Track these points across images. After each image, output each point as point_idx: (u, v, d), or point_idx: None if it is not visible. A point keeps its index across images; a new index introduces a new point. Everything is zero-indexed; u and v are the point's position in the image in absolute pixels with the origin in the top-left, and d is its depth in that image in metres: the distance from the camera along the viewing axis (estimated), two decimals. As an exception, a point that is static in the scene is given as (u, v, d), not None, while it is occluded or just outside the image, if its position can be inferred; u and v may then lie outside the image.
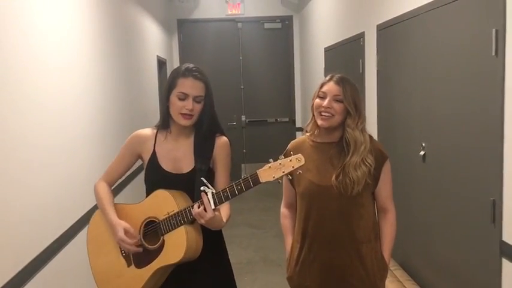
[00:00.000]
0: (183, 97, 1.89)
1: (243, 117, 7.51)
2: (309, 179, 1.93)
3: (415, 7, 2.92)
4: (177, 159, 1.97)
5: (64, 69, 2.68)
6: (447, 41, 2.59)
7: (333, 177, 1.88)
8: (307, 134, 2.04)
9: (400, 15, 3.15)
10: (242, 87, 7.44)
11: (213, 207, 1.76)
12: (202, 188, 1.78)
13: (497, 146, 2.11)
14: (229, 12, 7.40)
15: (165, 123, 1.99)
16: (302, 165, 1.67)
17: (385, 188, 1.97)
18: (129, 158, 2.06)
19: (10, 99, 2.05)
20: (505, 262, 2.12)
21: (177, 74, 1.92)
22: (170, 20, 7.22)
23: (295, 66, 7.58)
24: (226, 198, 1.78)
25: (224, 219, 1.89)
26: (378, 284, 1.97)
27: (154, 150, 1.99)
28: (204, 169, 1.92)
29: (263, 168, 1.71)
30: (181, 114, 1.90)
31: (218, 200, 1.77)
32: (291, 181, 2.00)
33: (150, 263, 1.88)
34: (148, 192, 1.98)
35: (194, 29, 7.46)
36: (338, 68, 2.17)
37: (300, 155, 1.69)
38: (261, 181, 1.71)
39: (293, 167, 1.67)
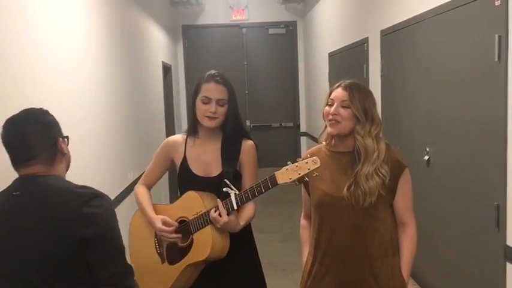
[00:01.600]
0: (207, 101, 1.99)
1: (248, 122, 7.53)
2: (323, 190, 1.86)
3: (418, 13, 2.94)
4: (206, 163, 2.07)
5: (69, 74, 2.71)
6: (451, 47, 2.61)
7: (345, 188, 1.79)
8: (323, 143, 1.97)
9: (403, 21, 3.17)
10: (247, 92, 7.47)
11: (235, 207, 1.87)
12: (225, 190, 1.88)
13: (501, 151, 2.13)
14: (234, 18, 7.45)
15: (193, 128, 2.10)
16: (318, 167, 1.69)
17: (403, 200, 1.83)
18: (163, 164, 2.19)
19: (17, 102, 2.09)
20: (509, 266, 2.13)
21: (201, 80, 2.05)
22: (175, 26, 7.27)
23: (299, 71, 7.61)
24: (247, 199, 1.88)
25: (242, 222, 1.97)
26: None
27: (185, 155, 2.10)
28: (230, 172, 2.01)
29: (281, 170, 1.78)
30: (206, 116, 2.00)
31: (240, 200, 1.87)
32: (307, 191, 1.97)
33: (181, 260, 1.99)
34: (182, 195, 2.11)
35: (199, 35, 7.50)
36: (343, 73, 2.17)
37: (316, 158, 1.70)
38: (278, 182, 1.78)
39: (309, 169, 1.71)
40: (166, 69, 6.25)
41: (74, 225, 1.40)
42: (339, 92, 1.86)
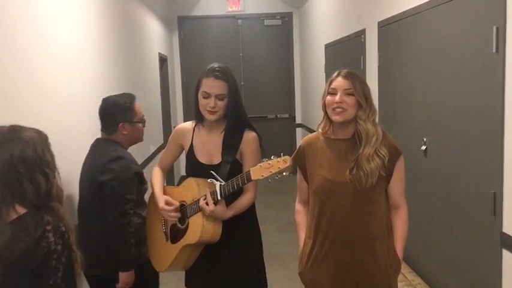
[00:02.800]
0: (206, 96, 2.07)
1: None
2: (323, 176, 1.93)
3: (416, 4, 2.97)
4: (209, 151, 2.16)
5: (67, 65, 2.71)
6: (448, 38, 2.64)
7: (347, 172, 1.88)
8: (320, 131, 2.04)
9: (401, 13, 3.20)
10: (242, 83, 7.47)
11: (219, 197, 1.97)
12: (209, 180, 2.00)
13: (498, 140, 2.17)
14: (230, 9, 7.44)
15: (199, 117, 2.18)
16: (287, 166, 1.78)
17: (397, 184, 1.95)
18: (174, 149, 2.32)
19: (15, 91, 2.10)
20: (505, 253, 2.18)
21: (202, 74, 2.11)
22: (171, 17, 7.24)
23: (295, 62, 7.62)
24: (229, 192, 1.98)
25: (231, 211, 2.07)
26: (391, 280, 1.96)
27: (192, 142, 2.20)
28: (229, 161, 2.09)
29: (255, 166, 1.88)
30: (207, 110, 2.08)
31: (223, 192, 1.98)
32: (305, 177, 2.03)
33: (179, 241, 2.13)
34: None
35: (194, 26, 7.49)
36: (339, 64, 2.20)
37: (287, 157, 1.79)
38: (252, 178, 1.89)
39: (279, 167, 1.81)
40: (163, 61, 6.24)
41: (97, 173, 2.27)
42: (340, 81, 1.93)
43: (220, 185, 1.98)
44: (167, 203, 2.14)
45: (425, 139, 2.92)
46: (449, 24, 2.63)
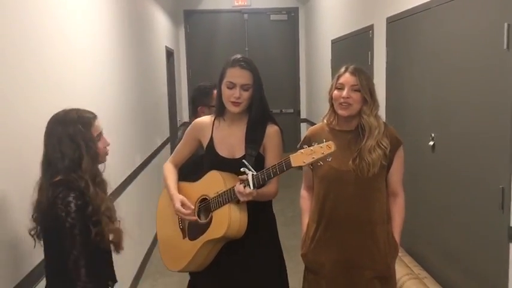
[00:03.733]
0: (231, 86, 2.04)
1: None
2: (329, 164, 2.03)
3: (425, 1, 2.98)
4: (231, 145, 2.12)
5: (79, 58, 2.73)
6: (459, 34, 2.66)
7: (350, 162, 1.99)
8: (324, 121, 2.14)
9: (411, 8, 3.22)
10: (248, 78, 7.49)
11: (251, 187, 1.91)
12: (242, 169, 1.93)
13: (507, 136, 2.20)
14: (236, 4, 7.45)
15: (220, 110, 2.14)
16: (332, 151, 1.79)
17: (396, 173, 2.09)
18: (191, 143, 2.26)
19: (38, 76, 2.13)
20: (513, 247, 2.21)
21: (226, 64, 2.08)
22: (177, 11, 7.26)
23: (300, 57, 7.64)
24: (263, 181, 1.94)
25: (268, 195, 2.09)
26: (390, 262, 2.09)
27: (211, 136, 2.16)
28: (253, 155, 2.06)
29: (296, 153, 1.85)
30: (231, 102, 2.05)
31: (257, 181, 1.92)
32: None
33: (200, 237, 2.07)
34: None
35: (200, 20, 7.51)
36: (346, 60, 2.24)
37: (331, 142, 1.80)
38: (292, 165, 1.85)
39: (323, 153, 1.80)
40: (169, 54, 6.27)
41: None
42: (348, 77, 2.04)
43: (253, 174, 1.93)
44: (183, 205, 2.10)
45: (433, 134, 2.94)
46: (459, 20, 2.65)
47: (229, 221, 1.97)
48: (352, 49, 4.74)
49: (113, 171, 2.18)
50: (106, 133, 1.92)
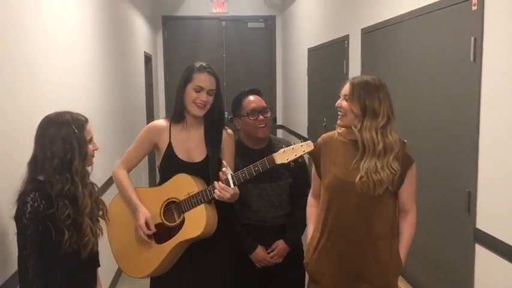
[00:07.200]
0: (199, 90, 2.13)
1: (225, 114, 7.60)
2: (335, 173, 2.01)
3: (399, 14, 3.12)
4: (190, 149, 2.18)
5: (59, 62, 2.75)
6: (429, 47, 2.80)
7: (357, 178, 1.92)
8: (339, 130, 2.09)
9: (384, 21, 3.36)
10: (225, 84, 7.53)
11: (232, 187, 1.99)
12: (224, 169, 2.02)
13: (473, 142, 2.33)
14: (214, 11, 7.53)
15: (180, 115, 2.19)
16: (311, 150, 1.92)
17: (408, 190, 2.02)
18: (146, 147, 2.26)
19: (17, 80, 2.16)
20: (478, 248, 2.34)
21: (192, 70, 2.17)
22: (155, 16, 7.29)
23: (277, 65, 7.76)
24: (244, 179, 2.02)
25: None
26: (391, 279, 2.04)
27: (170, 141, 2.18)
28: (216, 156, 2.15)
29: (278, 152, 1.98)
30: (195, 103, 2.12)
31: (237, 180, 2.01)
32: (319, 173, 2.12)
33: (170, 239, 2.08)
34: (165, 179, 2.18)
35: (178, 26, 7.55)
36: (322, 68, 2.30)
37: (309, 142, 1.92)
38: (276, 162, 1.97)
39: (304, 151, 1.95)
40: (148, 59, 6.30)
41: None
42: (344, 87, 2.02)
43: (232, 174, 2.00)
44: (146, 223, 2.08)
45: (405, 141, 3.07)
46: (430, 34, 2.79)
47: (206, 220, 2.03)
48: (328, 58, 4.86)
49: (92, 175, 2.20)
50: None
